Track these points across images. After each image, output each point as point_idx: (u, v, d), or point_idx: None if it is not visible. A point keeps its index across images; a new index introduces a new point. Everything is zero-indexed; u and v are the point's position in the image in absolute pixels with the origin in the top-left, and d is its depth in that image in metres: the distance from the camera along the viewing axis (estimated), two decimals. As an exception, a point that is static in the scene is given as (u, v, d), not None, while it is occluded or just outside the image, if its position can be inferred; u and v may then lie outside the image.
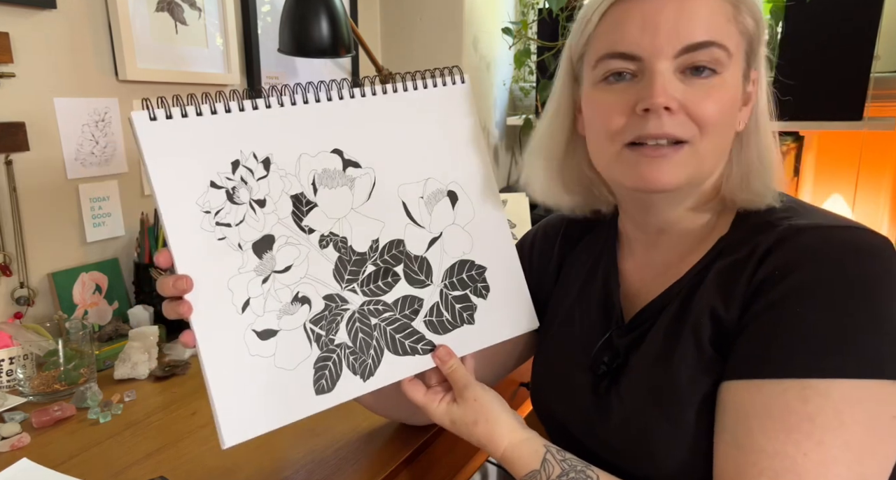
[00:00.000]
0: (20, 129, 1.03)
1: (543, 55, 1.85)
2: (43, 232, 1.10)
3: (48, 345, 0.95)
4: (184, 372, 1.03)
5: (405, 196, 0.69)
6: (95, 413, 0.89)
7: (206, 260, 0.58)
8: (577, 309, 0.76)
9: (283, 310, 0.62)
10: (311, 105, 0.66)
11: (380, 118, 0.69)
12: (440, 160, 0.72)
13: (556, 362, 0.76)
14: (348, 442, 0.84)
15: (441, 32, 1.81)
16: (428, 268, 0.70)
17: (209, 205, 0.59)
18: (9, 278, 1.05)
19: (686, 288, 0.65)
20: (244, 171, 0.61)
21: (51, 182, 1.10)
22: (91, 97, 1.14)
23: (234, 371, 0.59)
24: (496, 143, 2.06)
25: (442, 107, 0.73)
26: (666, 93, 0.59)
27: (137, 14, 1.18)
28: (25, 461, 0.78)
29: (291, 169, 0.64)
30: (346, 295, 0.65)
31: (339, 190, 0.66)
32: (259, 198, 0.62)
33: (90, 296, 1.15)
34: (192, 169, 0.58)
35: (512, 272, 0.76)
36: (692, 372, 0.61)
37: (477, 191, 0.74)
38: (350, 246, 0.66)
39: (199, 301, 0.58)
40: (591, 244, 0.79)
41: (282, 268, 0.62)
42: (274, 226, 0.62)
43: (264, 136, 0.62)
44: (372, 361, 0.66)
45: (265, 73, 1.49)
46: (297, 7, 1.38)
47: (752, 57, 0.64)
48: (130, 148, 1.22)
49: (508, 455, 0.66)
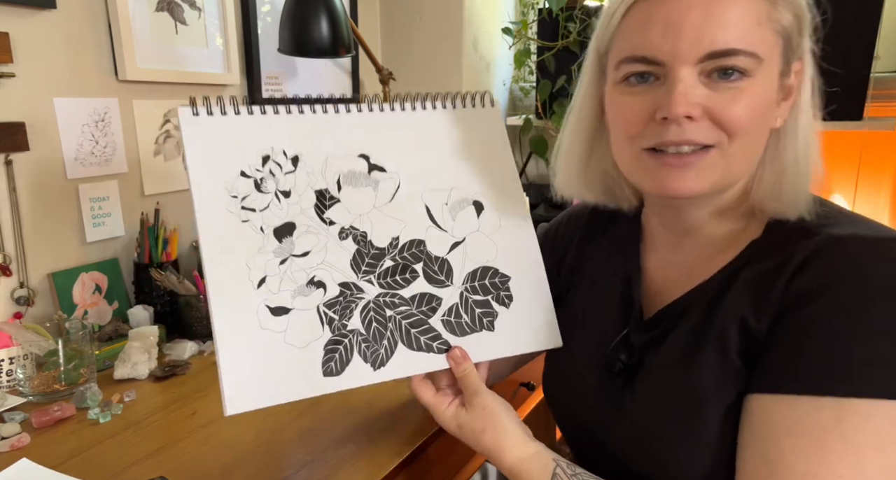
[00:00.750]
0: (20, 129, 1.03)
1: (543, 55, 1.85)
2: (43, 232, 1.10)
3: (48, 345, 0.95)
4: (184, 372, 1.03)
5: (429, 201, 0.72)
6: (95, 413, 0.89)
7: (228, 238, 0.63)
8: (596, 301, 0.75)
9: (297, 291, 0.64)
10: (342, 114, 0.71)
11: (408, 129, 0.73)
12: (467, 173, 0.74)
13: (571, 354, 0.75)
14: (348, 442, 0.83)
15: (441, 32, 1.81)
16: (449, 270, 0.71)
17: (237, 190, 0.64)
18: (8, 278, 1.05)
19: (712, 292, 0.62)
20: (273, 165, 0.66)
21: (51, 182, 1.10)
22: (91, 97, 1.14)
23: (243, 342, 0.61)
24: (496, 143, 2.06)
25: (471, 125, 0.76)
26: (686, 102, 0.56)
27: (137, 14, 1.18)
28: (25, 461, 0.78)
29: (318, 167, 0.68)
30: (361, 284, 0.67)
31: (362, 189, 0.69)
32: (285, 190, 0.66)
33: (90, 296, 1.15)
34: (224, 158, 0.64)
35: (538, 286, 0.75)
36: (715, 381, 0.59)
37: (504, 203, 0.75)
38: (370, 241, 0.68)
39: (217, 272, 0.62)
40: (615, 236, 0.77)
41: (300, 253, 0.65)
42: (296, 215, 0.66)
43: (296, 137, 0.68)
44: (385, 351, 0.67)
45: (265, 72, 1.49)
46: (297, 7, 1.38)
47: (791, 51, 0.60)
48: (130, 148, 1.22)
49: (516, 468, 0.65)
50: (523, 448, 0.66)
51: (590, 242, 0.80)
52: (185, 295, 1.15)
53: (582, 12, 1.76)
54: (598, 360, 0.70)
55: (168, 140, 1.29)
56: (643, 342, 0.67)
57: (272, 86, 1.52)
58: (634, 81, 0.60)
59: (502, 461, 0.66)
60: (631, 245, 0.74)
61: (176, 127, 1.30)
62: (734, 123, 0.57)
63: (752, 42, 0.56)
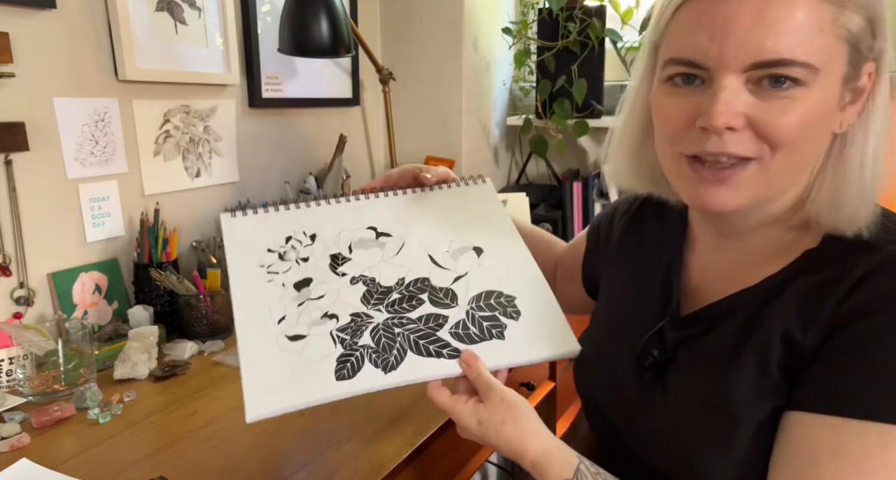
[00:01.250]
0: (20, 129, 1.03)
1: (543, 55, 1.85)
2: (42, 232, 1.10)
3: (48, 345, 0.95)
4: (184, 372, 1.03)
5: (431, 251, 0.81)
6: (95, 413, 0.89)
7: (254, 291, 0.74)
8: (634, 291, 0.74)
9: (313, 322, 0.73)
10: (353, 202, 0.85)
11: (412, 205, 0.85)
12: (466, 230, 0.83)
13: (603, 342, 0.75)
14: (348, 442, 0.83)
15: (441, 32, 1.81)
16: (453, 296, 0.76)
17: (264, 261, 0.78)
18: (8, 278, 1.05)
19: (758, 299, 0.60)
20: (294, 242, 0.80)
21: (50, 182, 1.10)
22: (91, 97, 1.14)
23: (264, 362, 0.69)
24: (496, 143, 2.06)
25: (466, 197, 0.88)
26: (729, 113, 0.53)
27: (137, 14, 1.18)
28: (25, 461, 0.78)
29: (332, 239, 0.81)
30: (371, 312, 0.74)
31: (371, 250, 0.81)
32: (304, 257, 0.79)
33: (90, 296, 1.15)
34: (254, 242, 0.79)
35: (546, 301, 0.77)
36: (751, 392, 0.57)
37: (503, 244, 0.82)
38: (378, 283, 0.77)
39: (242, 314, 0.72)
40: (661, 230, 0.76)
41: (315, 297, 0.75)
42: (313, 272, 0.77)
43: (313, 221, 0.82)
44: (394, 359, 0.70)
45: (265, 72, 1.49)
46: (297, 7, 1.38)
47: (860, 55, 0.55)
48: (130, 148, 1.22)
49: (540, 460, 0.62)
50: (546, 440, 0.64)
51: (634, 233, 0.80)
52: (185, 295, 1.15)
53: (582, 12, 1.76)
54: (629, 351, 0.70)
55: (168, 140, 1.29)
56: (677, 338, 0.66)
57: (272, 86, 1.52)
58: (679, 82, 0.58)
59: (525, 451, 0.63)
60: (675, 240, 0.73)
61: (176, 127, 1.30)
62: (780, 135, 0.54)
63: (808, 51, 0.52)
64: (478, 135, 1.95)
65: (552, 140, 1.90)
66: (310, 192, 1.55)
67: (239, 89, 1.45)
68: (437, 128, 1.89)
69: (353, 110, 1.83)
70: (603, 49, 1.80)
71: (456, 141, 1.88)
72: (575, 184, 1.86)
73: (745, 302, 0.61)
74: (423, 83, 1.87)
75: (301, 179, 1.62)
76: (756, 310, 0.60)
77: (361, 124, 1.88)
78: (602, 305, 0.78)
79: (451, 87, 1.84)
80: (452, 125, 1.87)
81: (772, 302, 0.59)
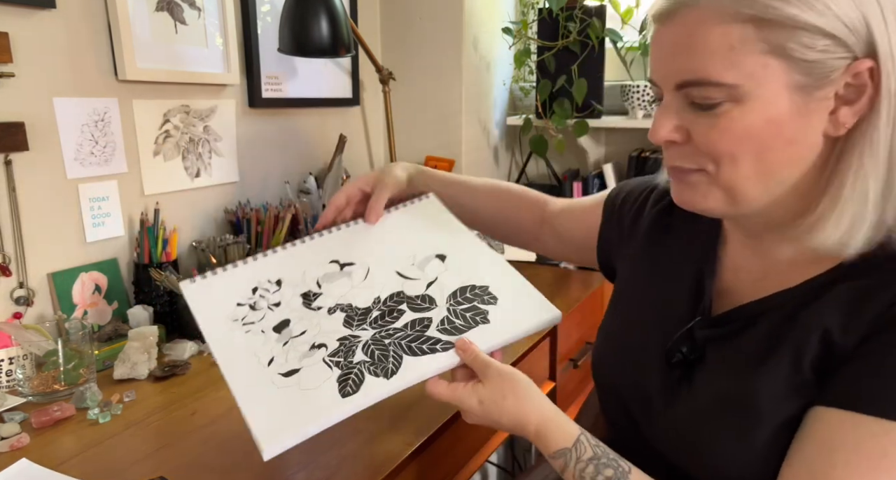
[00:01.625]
0: (20, 129, 1.03)
1: (543, 55, 1.85)
2: (42, 232, 1.10)
3: (48, 345, 0.95)
4: (183, 372, 1.03)
5: (398, 267, 0.83)
6: (95, 413, 0.89)
7: (235, 344, 0.74)
8: (662, 285, 0.74)
9: (303, 356, 0.73)
10: (307, 243, 0.86)
11: (365, 234, 0.88)
12: (424, 242, 0.86)
13: (627, 334, 0.75)
14: (348, 442, 0.83)
15: (441, 32, 1.81)
16: (430, 299, 0.79)
17: (235, 315, 0.78)
18: (8, 278, 1.05)
19: (795, 301, 0.60)
20: (262, 291, 0.81)
21: (50, 182, 1.10)
22: (91, 97, 1.14)
23: (264, 403, 0.68)
24: (496, 143, 2.06)
25: (415, 214, 0.91)
26: (664, 128, 0.59)
27: (137, 14, 1.18)
28: (25, 461, 0.78)
29: (299, 280, 0.82)
30: (357, 333, 0.75)
31: (339, 281, 0.82)
32: (275, 302, 0.80)
33: (90, 296, 1.15)
34: (221, 300, 0.79)
35: (517, 283, 0.81)
36: (781, 390, 0.58)
37: (464, 249, 0.86)
38: (355, 307, 0.79)
39: (232, 368, 0.72)
40: (697, 222, 0.74)
41: (298, 333, 0.76)
42: (288, 313, 0.78)
43: (274, 268, 0.83)
44: (392, 365, 0.71)
45: (265, 72, 1.49)
46: (297, 7, 1.38)
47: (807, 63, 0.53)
48: (130, 148, 1.22)
49: (542, 429, 0.64)
50: (548, 409, 0.66)
51: (665, 227, 0.78)
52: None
53: (582, 12, 1.76)
54: (656, 348, 0.70)
55: (168, 140, 1.29)
56: (707, 337, 0.66)
57: (272, 86, 1.52)
58: (659, 100, 0.62)
59: (527, 422, 0.65)
60: (710, 236, 0.73)
61: (176, 127, 1.30)
62: (713, 150, 0.57)
63: (721, 70, 0.54)
64: (478, 135, 1.94)
65: (552, 140, 1.89)
66: (310, 192, 1.55)
67: (239, 89, 1.45)
68: (437, 128, 1.89)
69: (353, 110, 1.83)
70: (603, 49, 1.80)
71: (456, 141, 1.88)
72: (575, 183, 1.86)
73: (780, 304, 0.61)
74: (423, 83, 1.87)
75: (301, 179, 1.62)
76: (792, 312, 0.60)
77: (361, 124, 1.88)
78: (624, 296, 0.78)
79: (451, 87, 1.84)
80: (452, 125, 1.87)
81: (810, 303, 0.59)
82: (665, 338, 0.69)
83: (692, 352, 0.66)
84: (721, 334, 0.65)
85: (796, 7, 0.52)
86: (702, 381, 0.64)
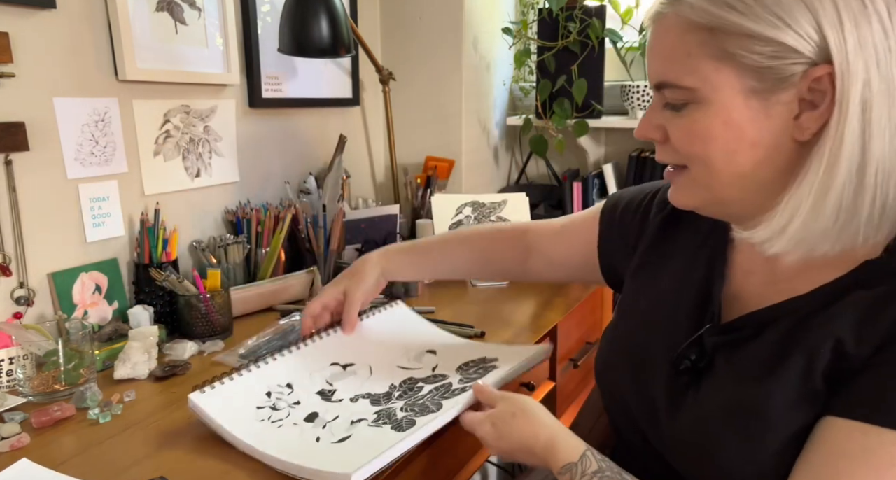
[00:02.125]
0: (20, 129, 1.03)
1: (543, 55, 1.85)
2: (42, 232, 1.10)
3: (48, 345, 0.95)
4: (184, 372, 1.03)
5: (398, 363, 0.96)
6: (95, 413, 0.89)
7: (273, 436, 0.79)
8: (670, 292, 0.73)
9: (347, 428, 0.80)
10: (301, 349, 0.95)
11: (352, 339, 0.99)
12: (411, 342, 1.01)
13: (634, 342, 0.75)
14: (348, 442, 0.83)
15: (441, 32, 1.81)
16: (441, 375, 0.93)
17: (262, 416, 0.83)
18: (8, 278, 1.05)
19: (808, 308, 0.60)
20: (277, 394, 0.87)
21: (50, 182, 1.10)
22: (91, 97, 1.14)
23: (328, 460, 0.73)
24: (496, 143, 2.06)
25: (393, 319, 1.07)
26: (648, 126, 0.63)
27: (137, 14, 1.18)
28: (25, 461, 0.78)
29: (308, 382, 0.90)
30: (389, 406, 0.85)
31: (348, 378, 0.92)
32: (294, 401, 0.86)
33: (90, 296, 1.15)
34: (240, 405, 0.84)
35: (503, 348, 0.99)
36: (791, 399, 0.57)
37: (447, 343, 1.02)
38: (375, 393, 0.89)
39: (279, 447, 0.76)
40: (706, 226, 0.74)
41: (331, 419, 0.83)
42: (315, 408, 0.85)
43: (279, 374, 0.90)
44: (434, 407, 0.83)
45: (265, 72, 1.49)
46: (297, 7, 1.38)
47: (760, 69, 0.55)
48: (130, 148, 1.22)
49: (550, 445, 0.67)
50: (556, 427, 0.69)
51: (671, 234, 0.78)
52: (185, 295, 1.15)
53: (582, 12, 1.76)
54: (664, 354, 0.69)
55: (168, 140, 1.29)
56: (716, 344, 0.65)
57: (272, 86, 1.52)
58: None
59: (537, 437, 0.68)
60: (718, 241, 0.72)
61: (176, 127, 1.30)
62: (682, 150, 0.61)
63: (680, 74, 0.59)
64: (478, 135, 1.94)
65: (552, 140, 1.89)
66: (310, 192, 1.55)
67: (239, 89, 1.45)
68: (437, 128, 1.89)
69: (353, 110, 1.83)
70: (603, 49, 1.80)
71: (456, 141, 1.88)
72: (575, 184, 1.86)
73: (791, 311, 0.61)
74: (423, 83, 1.87)
75: (301, 179, 1.62)
76: (804, 319, 0.60)
77: (361, 124, 1.88)
78: (631, 303, 0.78)
79: (451, 87, 1.84)
80: (452, 125, 1.87)
81: (822, 310, 0.59)
82: (673, 345, 0.69)
83: (701, 359, 0.66)
84: (730, 341, 0.64)
85: (743, 16, 0.54)
86: (710, 388, 0.64)
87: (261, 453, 0.76)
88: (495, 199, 1.58)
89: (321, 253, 1.43)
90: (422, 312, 1.27)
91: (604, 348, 0.80)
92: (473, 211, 1.57)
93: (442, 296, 1.40)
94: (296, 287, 1.35)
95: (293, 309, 1.28)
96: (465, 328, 1.17)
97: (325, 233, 1.43)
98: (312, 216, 1.44)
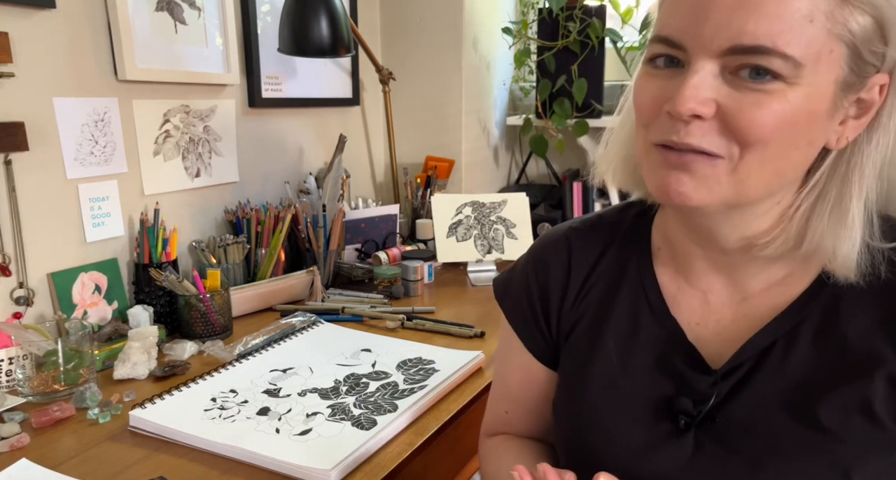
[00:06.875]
0: (19, 129, 1.03)
1: (543, 55, 1.85)
2: (42, 232, 1.10)
3: (47, 345, 0.95)
4: (183, 373, 1.03)
5: (336, 361, 1.04)
6: (95, 413, 0.89)
7: (229, 429, 0.83)
8: (631, 348, 0.62)
9: (304, 422, 0.85)
10: (235, 367, 1.01)
11: (286, 353, 1.07)
12: (345, 344, 1.10)
13: (614, 407, 0.62)
14: (348, 442, 0.83)
15: (441, 32, 1.81)
16: (383, 373, 0.99)
17: (211, 415, 0.86)
18: (8, 278, 1.05)
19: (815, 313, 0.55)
20: (222, 399, 0.91)
21: (50, 182, 1.10)
22: (90, 97, 1.14)
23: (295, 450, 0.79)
24: (496, 143, 2.06)
25: (321, 332, 1.16)
26: (696, 98, 0.48)
27: (137, 14, 1.18)
28: (25, 461, 0.78)
29: (251, 386, 0.95)
30: (340, 400, 0.91)
31: (290, 379, 0.98)
32: (242, 400, 0.91)
33: (90, 296, 1.15)
34: (186, 409, 0.88)
35: (436, 350, 1.07)
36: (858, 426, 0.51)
37: (381, 341, 1.12)
38: (322, 388, 0.95)
39: (236, 438, 0.81)
40: (613, 261, 0.66)
41: (285, 412, 0.88)
42: (262, 404, 0.90)
43: (223, 382, 0.96)
44: (390, 407, 0.88)
45: (265, 72, 1.49)
46: (296, 7, 1.38)
47: (861, 63, 0.49)
48: (130, 148, 1.22)
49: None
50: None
51: (606, 283, 0.67)
52: (185, 295, 1.15)
53: (582, 12, 1.76)
54: (652, 413, 0.60)
55: (168, 140, 1.29)
56: (714, 391, 0.57)
57: (272, 86, 1.52)
58: (661, 64, 0.52)
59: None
60: (641, 271, 0.64)
61: (175, 127, 1.30)
62: (750, 132, 0.48)
63: (791, 41, 0.46)
64: (478, 135, 1.94)
65: (552, 140, 1.89)
66: (310, 192, 1.55)
67: (239, 89, 1.45)
68: (437, 128, 1.89)
69: (353, 110, 1.83)
70: (603, 49, 1.80)
71: (456, 141, 1.88)
72: (575, 183, 1.86)
73: (794, 322, 0.56)
74: (423, 83, 1.87)
75: (301, 179, 1.62)
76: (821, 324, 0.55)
77: (361, 124, 1.88)
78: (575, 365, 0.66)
79: (451, 87, 1.84)
80: (452, 125, 1.87)
81: (834, 312, 0.55)
82: (661, 401, 0.60)
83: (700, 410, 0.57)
84: (733, 384, 0.57)
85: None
86: (737, 437, 0.56)
87: (221, 445, 0.80)
88: (495, 199, 1.58)
89: (321, 253, 1.43)
90: (422, 312, 1.27)
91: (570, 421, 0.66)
92: (473, 211, 1.57)
93: (442, 296, 1.40)
94: (295, 287, 1.35)
95: (293, 309, 1.28)
96: (465, 328, 1.17)
97: (325, 233, 1.43)
98: (312, 216, 1.44)
